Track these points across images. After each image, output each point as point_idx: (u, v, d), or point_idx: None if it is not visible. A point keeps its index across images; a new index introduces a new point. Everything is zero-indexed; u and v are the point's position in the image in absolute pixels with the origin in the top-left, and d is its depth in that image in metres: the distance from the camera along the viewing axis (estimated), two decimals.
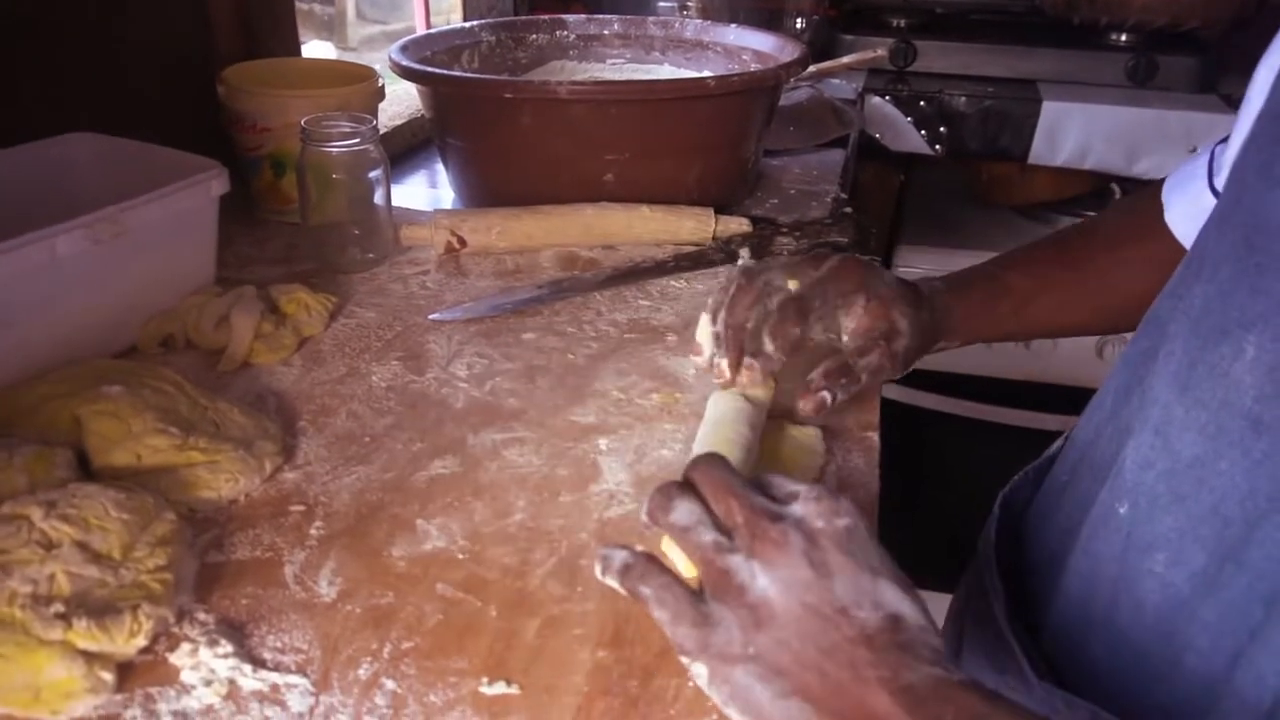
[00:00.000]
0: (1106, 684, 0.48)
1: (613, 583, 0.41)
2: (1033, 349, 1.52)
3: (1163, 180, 0.64)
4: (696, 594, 0.40)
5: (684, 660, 0.39)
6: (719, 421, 0.56)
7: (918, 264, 1.58)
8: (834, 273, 0.61)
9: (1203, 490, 0.42)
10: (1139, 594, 0.45)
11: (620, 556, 0.41)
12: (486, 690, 0.43)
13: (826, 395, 0.56)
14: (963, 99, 1.54)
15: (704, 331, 0.61)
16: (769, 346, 0.58)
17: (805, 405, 0.56)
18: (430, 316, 0.75)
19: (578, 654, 0.45)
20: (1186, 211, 0.60)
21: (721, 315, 0.59)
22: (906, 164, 1.67)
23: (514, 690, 0.43)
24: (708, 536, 0.40)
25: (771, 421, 0.60)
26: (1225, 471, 0.41)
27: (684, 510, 0.41)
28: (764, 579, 0.38)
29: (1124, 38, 1.63)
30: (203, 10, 0.93)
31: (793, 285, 0.61)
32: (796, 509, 0.40)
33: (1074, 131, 1.50)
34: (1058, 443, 0.64)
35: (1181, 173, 0.62)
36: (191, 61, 0.93)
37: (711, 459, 0.43)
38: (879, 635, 0.36)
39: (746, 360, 0.58)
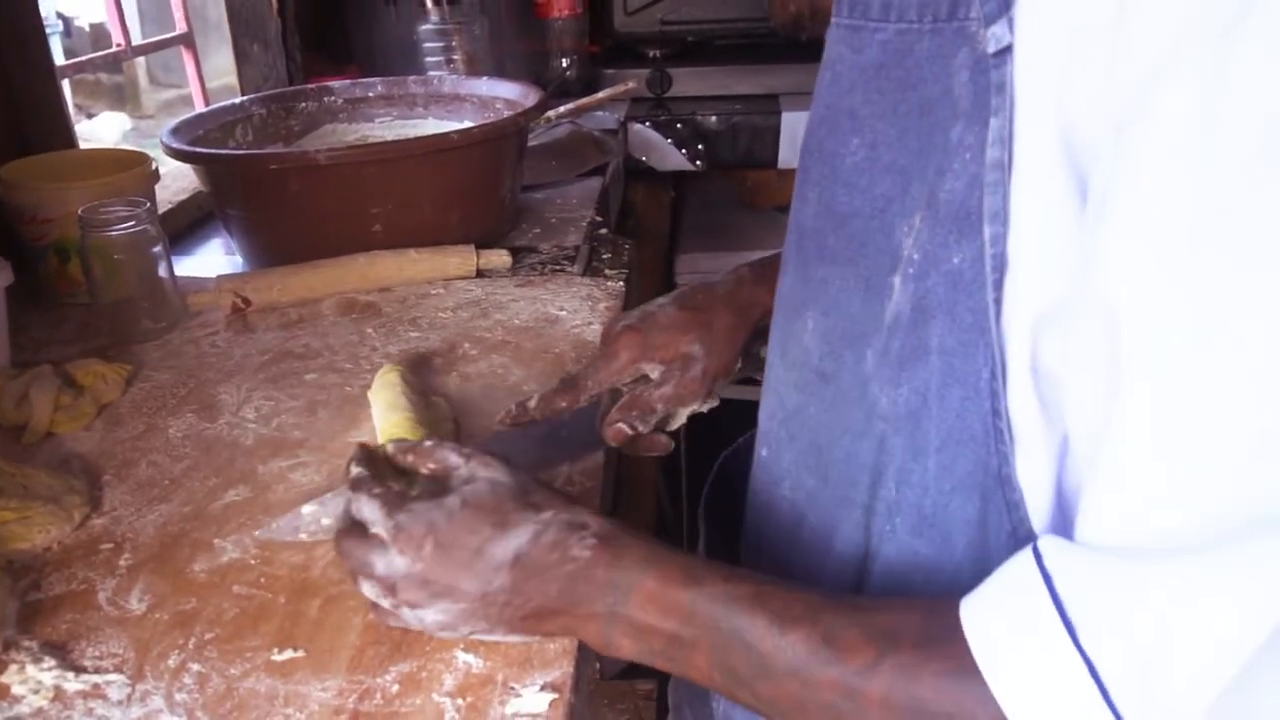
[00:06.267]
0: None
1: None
2: None
3: None
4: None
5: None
6: (391, 405, 0.71)
7: (696, 268, 1.76)
8: (610, 354, 0.70)
9: (803, 430, 0.56)
10: (778, 513, 0.59)
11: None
12: (277, 658, 0.53)
13: (623, 426, 0.67)
14: (714, 118, 1.72)
15: None
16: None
17: (607, 434, 0.68)
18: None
19: (352, 620, 0.56)
20: None
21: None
22: (676, 181, 1.84)
23: (300, 654, 0.54)
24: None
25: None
26: (813, 414, 0.55)
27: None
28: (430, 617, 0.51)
29: None
30: None
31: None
32: (398, 567, 0.50)
33: None
34: None
35: None
36: None
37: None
38: (516, 588, 0.49)
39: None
